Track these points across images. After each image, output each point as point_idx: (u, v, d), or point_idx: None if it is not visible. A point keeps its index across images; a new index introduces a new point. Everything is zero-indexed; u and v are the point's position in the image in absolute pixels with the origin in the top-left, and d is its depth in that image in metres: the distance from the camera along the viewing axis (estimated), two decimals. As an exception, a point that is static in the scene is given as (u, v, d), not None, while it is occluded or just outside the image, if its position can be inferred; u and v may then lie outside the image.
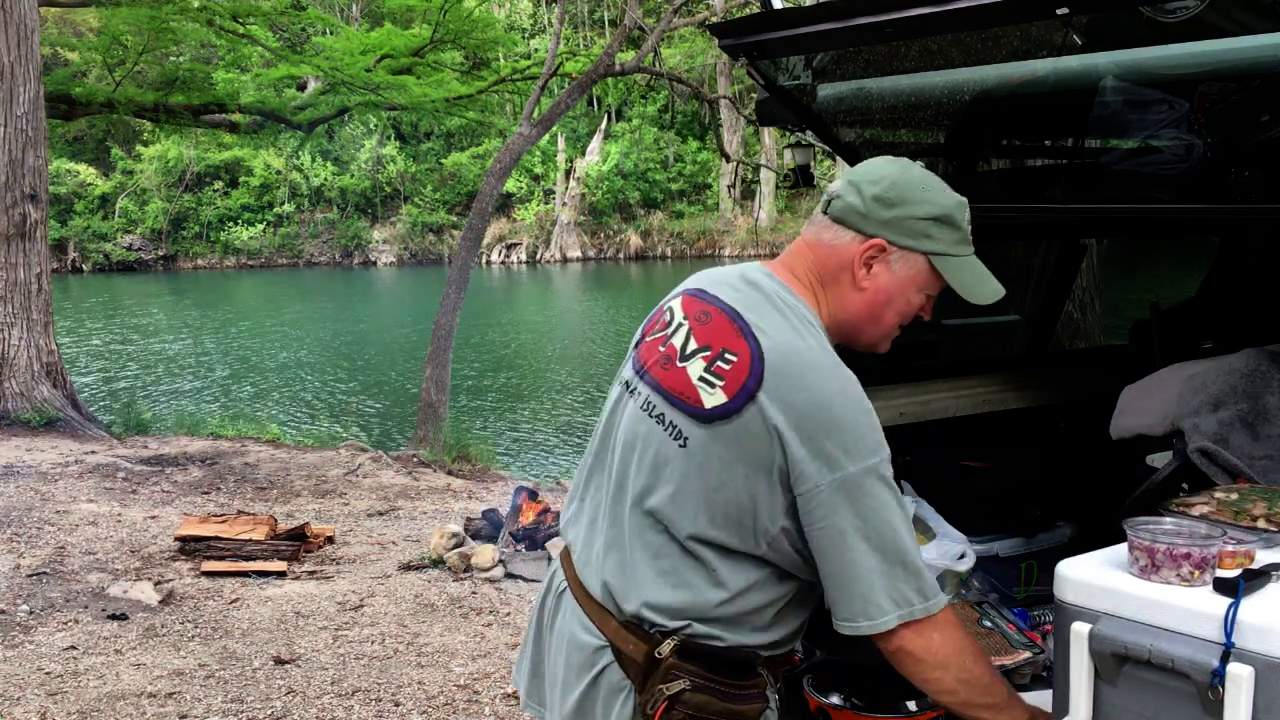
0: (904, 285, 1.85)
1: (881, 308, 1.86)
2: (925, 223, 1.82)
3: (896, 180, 1.83)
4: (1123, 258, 6.59)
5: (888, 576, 1.71)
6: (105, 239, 42.12)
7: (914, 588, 1.73)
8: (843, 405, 1.72)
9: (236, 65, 18.61)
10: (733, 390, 1.73)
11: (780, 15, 2.34)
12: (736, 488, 1.74)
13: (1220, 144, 2.41)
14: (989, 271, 1.93)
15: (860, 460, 1.70)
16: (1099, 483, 3.06)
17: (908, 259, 1.83)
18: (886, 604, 1.71)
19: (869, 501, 1.70)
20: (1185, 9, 1.96)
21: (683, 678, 1.77)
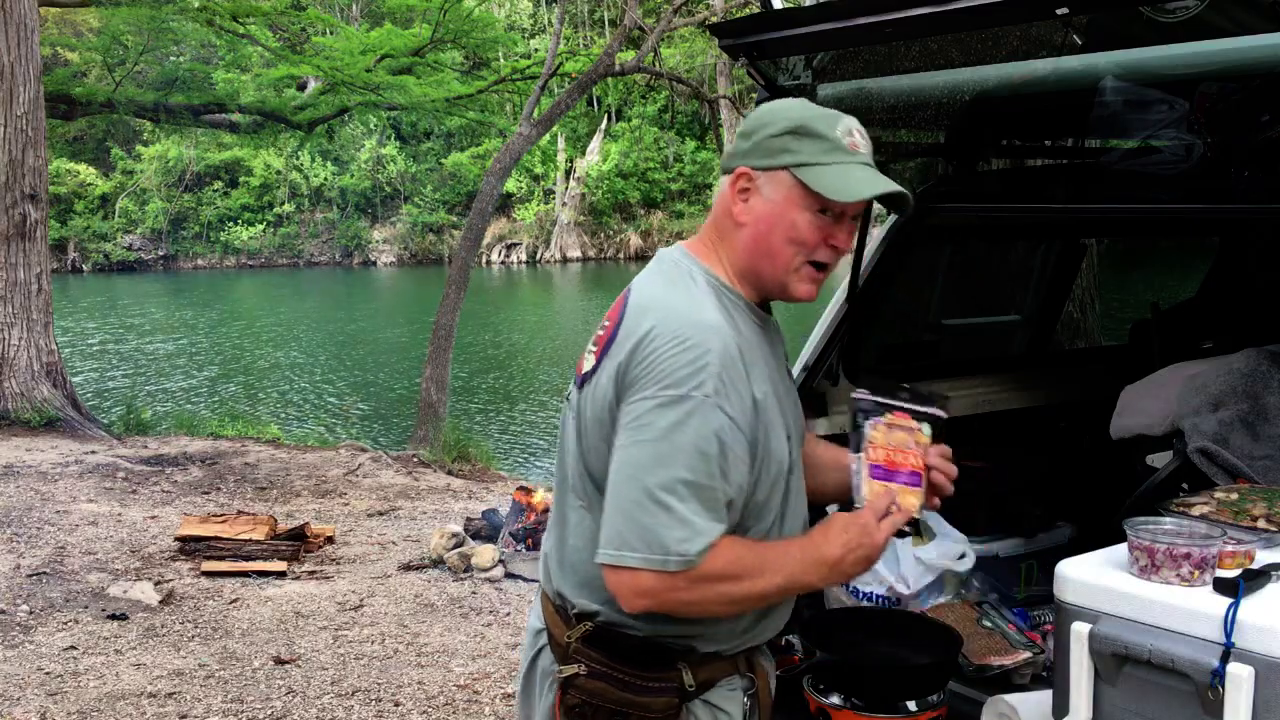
0: (780, 208, 1.75)
1: (766, 237, 1.76)
2: (781, 138, 1.75)
3: (760, 110, 1.81)
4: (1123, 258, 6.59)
5: (649, 515, 1.62)
6: (105, 239, 42.12)
7: (675, 536, 1.62)
8: (662, 336, 1.67)
9: (236, 65, 18.62)
10: (599, 351, 1.77)
11: (780, 15, 2.34)
12: (599, 445, 1.74)
13: (1220, 144, 2.41)
14: (873, 174, 1.77)
15: (663, 391, 1.64)
16: (1099, 483, 3.06)
17: (774, 179, 1.75)
18: (636, 541, 1.63)
19: (649, 433, 1.63)
20: (1185, 9, 1.97)
21: (580, 662, 1.77)
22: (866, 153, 1.78)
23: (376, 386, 18.00)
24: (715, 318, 1.71)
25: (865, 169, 1.76)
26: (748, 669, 1.85)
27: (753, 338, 1.79)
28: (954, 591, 2.83)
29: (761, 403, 1.73)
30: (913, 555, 2.80)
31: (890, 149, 3.17)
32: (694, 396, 1.64)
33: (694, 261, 1.82)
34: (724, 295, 1.79)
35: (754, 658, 1.87)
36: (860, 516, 1.76)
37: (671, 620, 1.74)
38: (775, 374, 1.84)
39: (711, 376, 1.65)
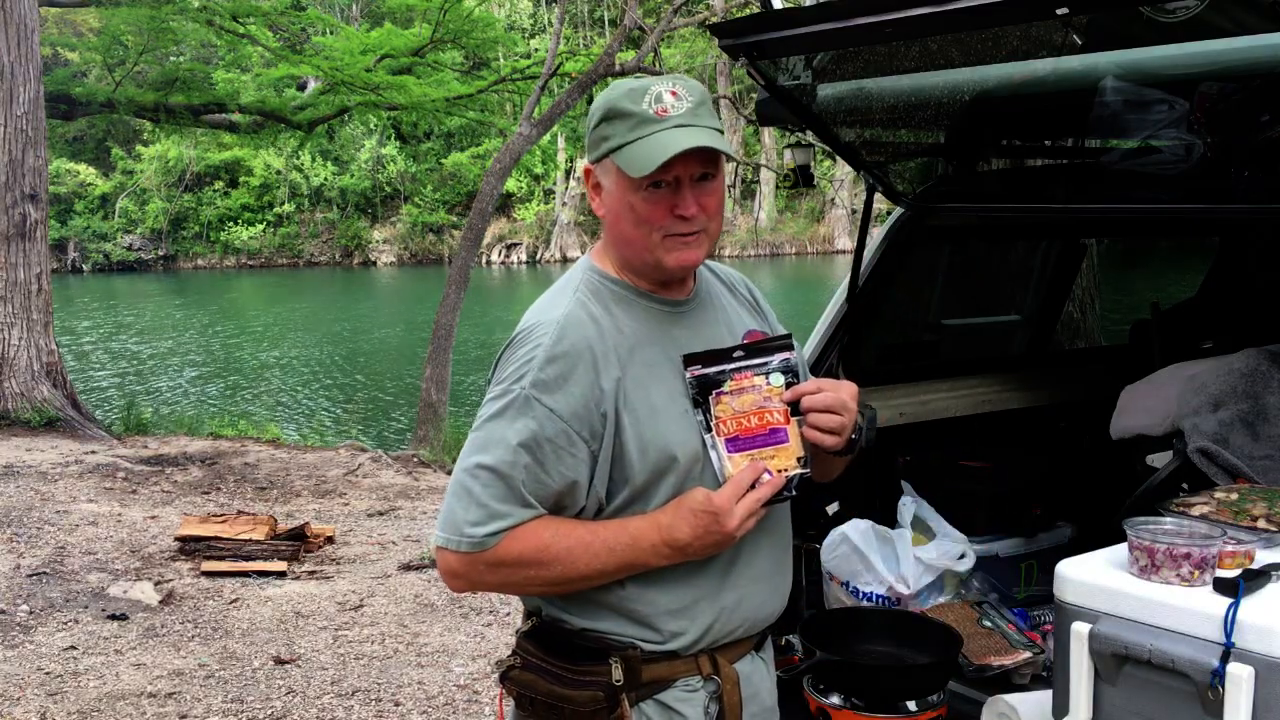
0: (616, 196, 1.74)
1: (618, 226, 1.76)
2: (599, 128, 1.74)
3: (592, 110, 1.78)
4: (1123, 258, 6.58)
5: (453, 495, 1.72)
6: (105, 239, 42.13)
7: (469, 518, 1.68)
8: (506, 343, 1.79)
9: (236, 65, 18.63)
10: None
11: (780, 15, 2.34)
12: None
13: (1220, 144, 2.41)
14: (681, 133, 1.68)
15: (494, 388, 1.75)
16: (1099, 483, 3.06)
17: (605, 170, 1.75)
18: (443, 522, 1.73)
19: (475, 424, 1.75)
20: (1185, 9, 1.97)
21: (517, 654, 1.84)
22: (683, 111, 1.70)
23: (377, 386, 18.00)
24: (561, 314, 1.75)
25: (674, 131, 1.68)
26: (712, 671, 1.79)
27: (644, 327, 1.78)
28: (954, 591, 2.83)
29: (612, 391, 1.70)
30: (913, 555, 2.80)
31: (890, 149, 3.17)
32: (514, 390, 1.70)
33: (589, 264, 1.86)
34: (606, 291, 1.80)
35: (717, 658, 1.80)
36: (714, 500, 1.70)
37: (610, 617, 1.76)
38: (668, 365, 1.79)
39: (533, 370, 1.70)
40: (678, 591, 1.76)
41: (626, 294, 1.80)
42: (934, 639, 2.45)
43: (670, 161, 1.66)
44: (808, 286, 29.19)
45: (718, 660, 1.80)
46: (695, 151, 1.68)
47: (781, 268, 35.31)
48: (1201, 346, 3.26)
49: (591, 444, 1.71)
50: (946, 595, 2.81)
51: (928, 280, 3.79)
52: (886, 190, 3.10)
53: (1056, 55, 2.34)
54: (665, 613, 1.76)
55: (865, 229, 3.17)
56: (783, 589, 1.91)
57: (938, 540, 2.85)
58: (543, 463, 1.69)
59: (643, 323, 1.79)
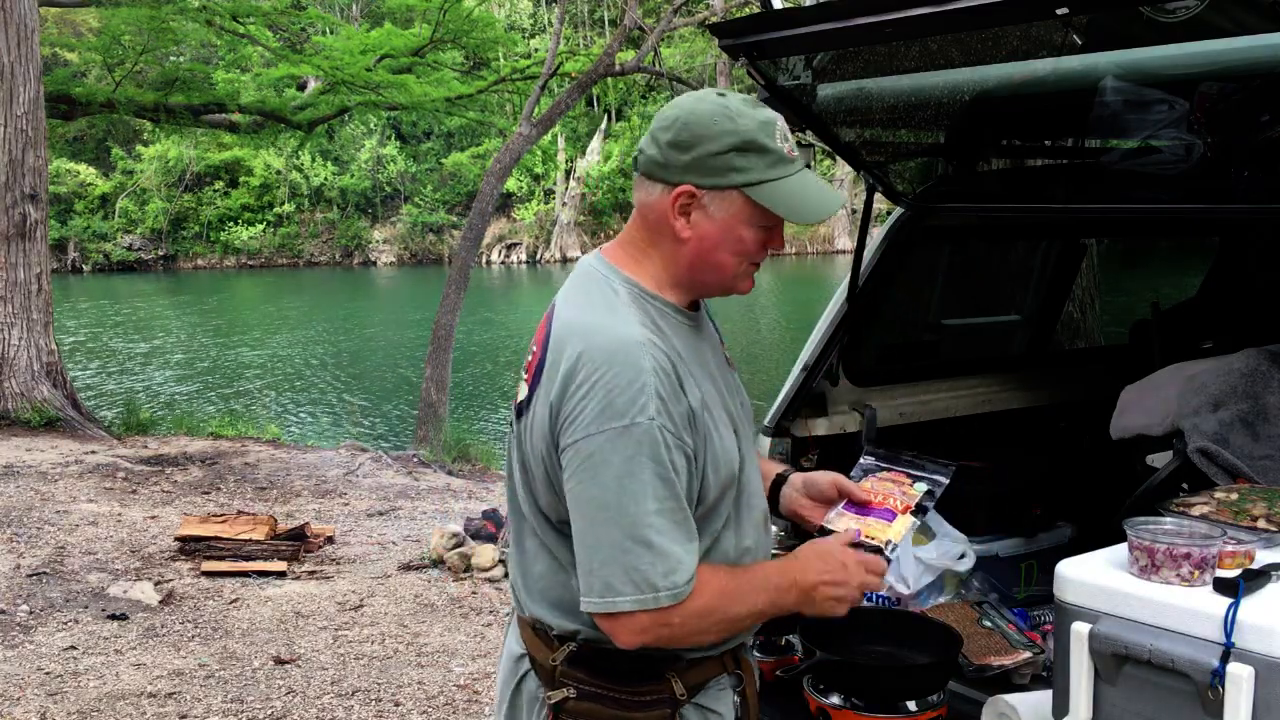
0: (727, 226, 1.71)
1: (711, 253, 1.73)
2: (726, 156, 1.68)
3: (686, 120, 1.70)
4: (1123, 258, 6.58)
5: (630, 554, 1.59)
6: (105, 239, 42.13)
7: (659, 571, 1.60)
8: (602, 366, 1.62)
9: (236, 65, 18.62)
10: (530, 378, 1.75)
11: (780, 15, 2.34)
12: (545, 475, 1.71)
13: (1220, 144, 2.41)
14: (821, 184, 1.76)
15: (608, 423, 1.60)
16: (1099, 483, 3.06)
17: (722, 198, 1.70)
18: (624, 584, 1.60)
19: (615, 469, 1.59)
20: (1185, 9, 1.96)
21: (568, 685, 1.74)
22: (799, 151, 1.76)
23: (376, 386, 18.00)
24: (641, 333, 1.66)
25: (811, 177, 1.75)
26: (735, 667, 1.83)
27: (684, 343, 1.75)
28: (954, 591, 2.82)
29: (699, 410, 1.69)
30: (913, 555, 2.80)
31: (890, 149, 3.16)
32: (640, 423, 1.59)
33: (615, 271, 1.76)
34: (649, 305, 1.74)
35: (739, 654, 1.85)
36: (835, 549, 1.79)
37: None
38: (714, 371, 1.81)
39: (651, 398, 1.61)
40: None
41: (667, 310, 1.76)
42: (934, 639, 2.45)
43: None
44: (808, 286, 29.20)
45: (738, 657, 1.84)
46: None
47: (782, 268, 35.31)
48: (1201, 346, 3.25)
49: (695, 460, 1.69)
50: (946, 595, 2.81)
51: (928, 280, 3.79)
52: (886, 190, 3.10)
53: (1056, 55, 2.34)
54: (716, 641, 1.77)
55: (865, 229, 3.17)
56: None
57: (938, 540, 2.85)
58: (683, 491, 1.65)
59: (682, 338, 1.76)
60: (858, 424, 3.25)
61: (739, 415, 1.84)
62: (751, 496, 1.82)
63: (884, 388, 3.41)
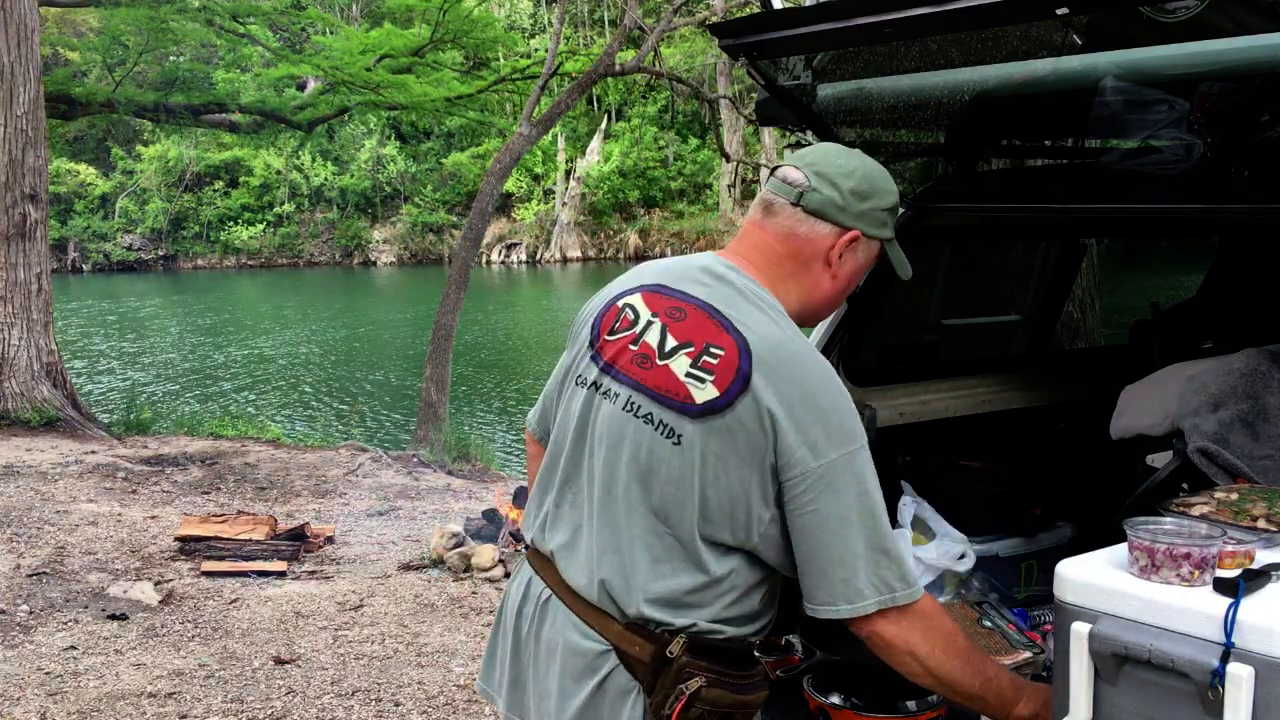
0: (862, 270, 1.97)
1: (845, 291, 1.97)
2: (886, 213, 1.95)
3: (866, 174, 1.94)
4: (1123, 258, 6.59)
5: (870, 561, 1.75)
6: (105, 239, 42.12)
7: (895, 574, 1.77)
8: (826, 392, 1.78)
9: (236, 65, 18.61)
10: (724, 384, 1.77)
11: (780, 15, 2.34)
12: (730, 481, 1.77)
13: (1220, 144, 2.41)
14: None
15: (844, 446, 1.76)
16: (1099, 483, 3.06)
17: (869, 246, 1.95)
18: (867, 589, 1.75)
19: (854, 487, 1.75)
20: (1185, 9, 1.96)
21: (698, 674, 1.80)
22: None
23: (376, 386, 18.00)
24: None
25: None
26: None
27: None
28: (954, 591, 2.83)
29: None
30: (913, 555, 2.80)
31: (890, 149, 3.16)
32: (862, 442, 1.79)
33: (765, 292, 1.89)
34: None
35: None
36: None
37: (744, 619, 1.85)
38: None
39: (858, 419, 1.80)
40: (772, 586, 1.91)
41: None
42: (934, 639, 2.44)
43: None
44: (808, 286, 29.13)
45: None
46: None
47: (781, 268, 35.16)
48: (1201, 346, 3.25)
49: None
50: (946, 595, 2.81)
51: (928, 280, 3.79)
52: (886, 190, 3.09)
53: (1056, 55, 2.34)
54: (771, 610, 1.92)
55: (865, 229, 3.17)
56: None
57: (938, 540, 2.85)
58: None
59: None
60: (858, 424, 3.24)
61: None
62: None
63: (884, 388, 3.41)
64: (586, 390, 1.91)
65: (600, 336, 1.93)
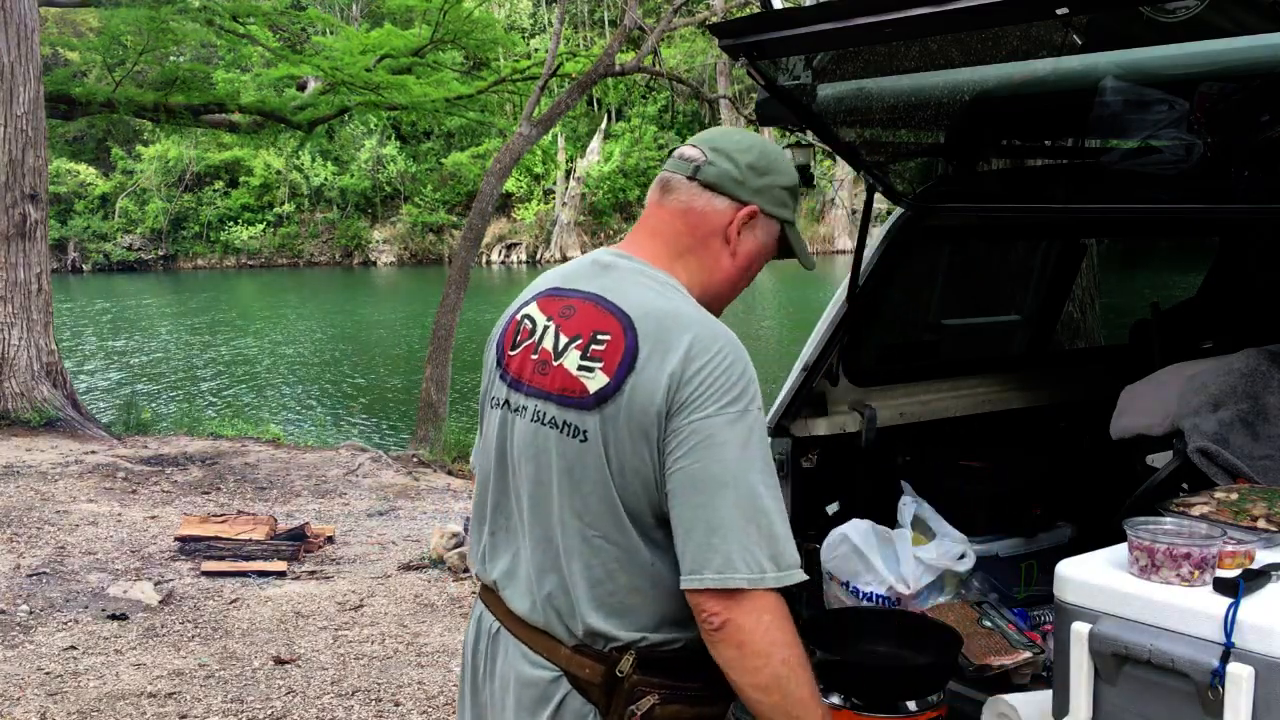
0: (763, 251, 1.90)
1: (745, 271, 1.90)
2: (785, 192, 1.90)
3: (764, 150, 1.89)
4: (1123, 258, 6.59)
5: (743, 533, 1.60)
6: (105, 239, 42.13)
7: (767, 553, 1.61)
8: (710, 352, 1.67)
9: (236, 65, 18.64)
10: (612, 368, 1.69)
11: (780, 15, 2.34)
12: (636, 463, 1.68)
13: (1220, 144, 2.41)
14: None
15: (727, 406, 1.64)
16: (1099, 483, 3.06)
17: (769, 226, 1.89)
18: (739, 562, 1.60)
19: (734, 450, 1.62)
20: (1185, 9, 1.96)
21: (650, 692, 1.71)
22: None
23: (376, 386, 17.99)
24: (727, 330, 1.75)
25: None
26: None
27: None
28: (954, 591, 2.83)
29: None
30: (913, 555, 2.80)
31: (890, 149, 3.16)
32: (751, 410, 1.68)
33: (658, 271, 1.81)
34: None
35: None
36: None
37: (692, 622, 1.69)
38: None
39: (756, 388, 1.71)
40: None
41: None
42: (934, 639, 2.45)
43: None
44: (808, 286, 29.20)
45: None
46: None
47: (781, 268, 35.20)
48: (1201, 346, 3.25)
49: None
50: (946, 595, 2.81)
51: (928, 280, 3.79)
52: (886, 190, 3.10)
53: (1056, 55, 2.34)
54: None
55: (865, 229, 3.17)
56: None
57: (938, 540, 2.85)
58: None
59: None
60: (858, 424, 3.25)
61: None
62: None
63: (884, 388, 3.41)
64: (500, 411, 1.85)
65: (505, 354, 1.88)
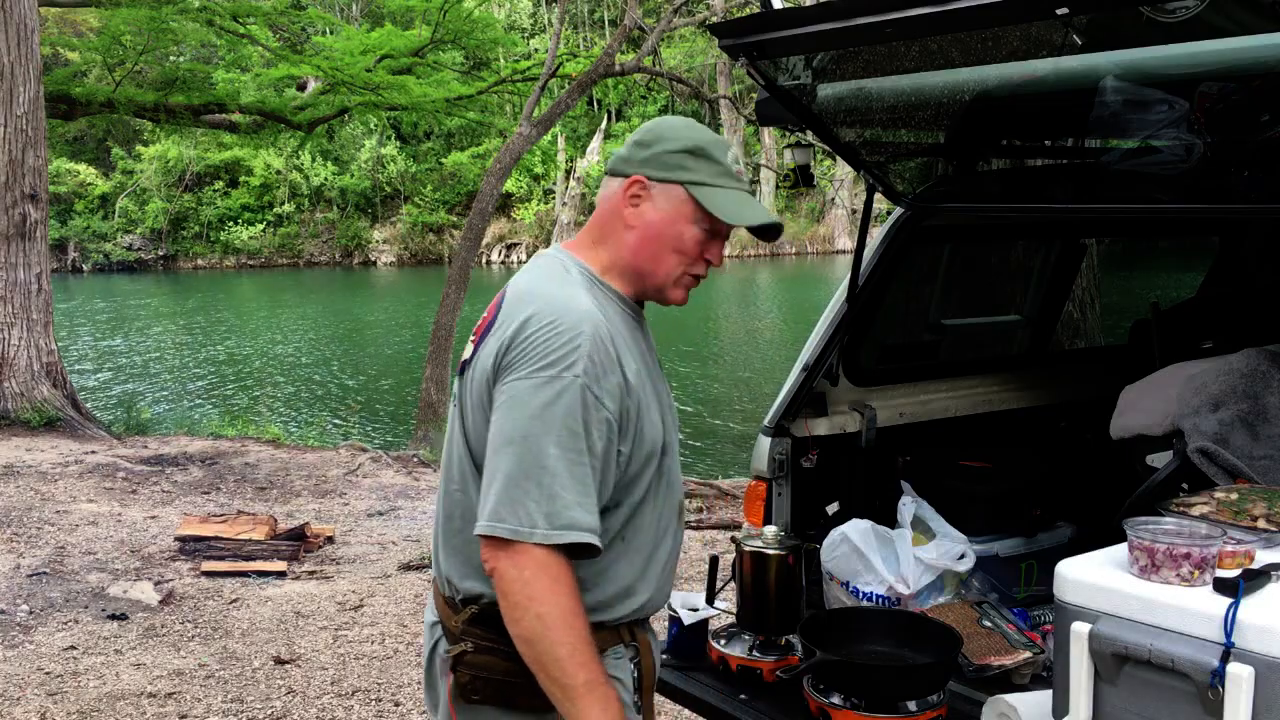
0: (669, 219, 1.88)
1: (654, 243, 1.89)
2: (678, 155, 1.88)
3: (655, 124, 1.93)
4: (1123, 258, 6.59)
5: (518, 488, 1.69)
6: (105, 239, 42.11)
7: (543, 510, 1.69)
8: (540, 322, 1.76)
9: (236, 65, 18.63)
10: (476, 339, 1.89)
11: (780, 15, 2.34)
12: (480, 425, 1.82)
13: (1220, 144, 2.41)
14: (759, 204, 1.94)
15: (537, 372, 1.73)
16: (1099, 483, 3.06)
17: (668, 192, 1.88)
18: (506, 513, 1.69)
19: (532, 411, 1.71)
20: (1185, 9, 1.97)
21: (465, 640, 1.84)
22: (745, 181, 1.94)
23: (377, 386, 17.99)
24: (588, 304, 1.81)
25: (750, 197, 1.92)
26: (631, 639, 1.92)
27: (623, 327, 1.88)
28: (954, 591, 2.83)
29: (634, 383, 1.82)
30: (913, 555, 2.80)
31: (890, 149, 3.16)
32: (564, 377, 1.72)
33: (570, 257, 1.93)
34: (596, 288, 1.89)
35: (635, 629, 1.93)
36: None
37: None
38: (649, 364, 1.94)
39: (582, 358, 1.74)
40: (629, 572, 1.87)
41: (612, 296, 1.91)
42: (934, 639, 2.45)
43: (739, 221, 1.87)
44: (808, 286, 29.19)
45: (635, 631, 1.94)
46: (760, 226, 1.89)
47: (781, 268, 35.31)
48: (1201, 346, 3.26)
49: (621, 428, 1.80)
50: (946, 595, 2.81)
51: (928, 280, 3.80)
52: (886, 190, 3.10)
53: (1056, 55, 2.34)
54: (615, 590, 1.86)
55: (865, 229, 3.18)
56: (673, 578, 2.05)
57: (938, 540, 2.85)
58: (594, 450, 1.74)
59: (623, 323, 1.90)
60: (858, 424, 3.25)
61: (667, 410, 1.96)
62: (672, 484, 1.95)
63: (884, 388, 3.41)
64: (453, 405, 1.97)
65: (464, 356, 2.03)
